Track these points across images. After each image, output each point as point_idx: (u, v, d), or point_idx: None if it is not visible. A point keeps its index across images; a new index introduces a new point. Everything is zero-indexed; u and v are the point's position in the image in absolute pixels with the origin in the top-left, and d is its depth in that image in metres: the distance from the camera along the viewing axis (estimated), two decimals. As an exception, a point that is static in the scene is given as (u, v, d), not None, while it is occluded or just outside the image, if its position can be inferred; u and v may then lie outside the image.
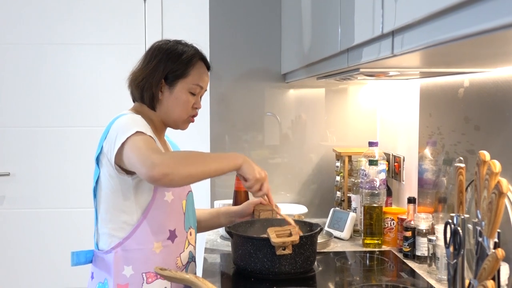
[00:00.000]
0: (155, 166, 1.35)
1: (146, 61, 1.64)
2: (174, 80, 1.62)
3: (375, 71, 1.58)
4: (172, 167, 1.37)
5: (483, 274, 1.11)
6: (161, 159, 1.37)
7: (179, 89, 1.62)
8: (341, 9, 1.43)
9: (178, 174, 1.38)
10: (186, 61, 1.63)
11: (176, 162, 1.39)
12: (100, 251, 1.57)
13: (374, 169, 2.05)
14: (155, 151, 1.41)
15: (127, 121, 1.50)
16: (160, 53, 1.63)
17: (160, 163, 1.36)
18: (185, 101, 1.63)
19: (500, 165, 1.12)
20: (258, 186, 1.57)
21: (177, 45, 1.66)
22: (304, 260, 1.66)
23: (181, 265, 1.61)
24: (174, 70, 1.61)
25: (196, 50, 1.68)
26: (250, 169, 1.54)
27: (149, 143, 1.44)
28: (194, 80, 1.63)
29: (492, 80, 1.49)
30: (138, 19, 2.66)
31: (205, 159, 1.50)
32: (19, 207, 2.68)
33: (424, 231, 1.80)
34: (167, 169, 1.36)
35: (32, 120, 2.66)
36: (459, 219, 1.27)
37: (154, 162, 1.36)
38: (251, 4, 2.62)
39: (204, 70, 1.68)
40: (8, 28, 2.63)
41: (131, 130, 1.45)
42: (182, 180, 1.42)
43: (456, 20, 0.75)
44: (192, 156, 1.48)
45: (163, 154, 1.42)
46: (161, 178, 1.36)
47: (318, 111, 2.65)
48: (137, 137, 1.44)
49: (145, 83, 1.61)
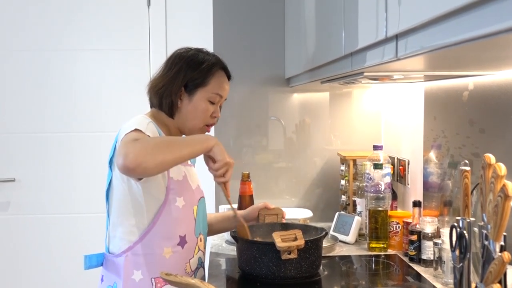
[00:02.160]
0: (128, 156, 1.33)
1: (167, 68, 1.64)
2: (193, 89, 1.61)
3: (379, 74, 1.58)
4: (145, 155, 1.34)
5: (489, 277, 1.11)
6: (135, 148, 1.35)
7: (198, 98, 1.62)
8: (344, 13, 1.43)
9: (152, 162, 1.35)
10: (207, 70, 1.62)
11: (148, 150, 1.36)
12: (110, 255, 1.57)
13: (379, 172, 2.05)
14: (133, 139, 1.39)
15: (133, 122, 1.50)
16: (181, 61, 1.63)
17: (133, 153, 1.34)
18: (204, 109, 1.62)
19: (505, 168, 1.11)
20: (224, 170, 1.52)
21: (198, 54, 1.66)
22: (310, 265, 1.65)
23: (190, 271, 1.61)
24: (194, 79, 1.61)
25: (217, 59, 1.68)
26: (221, 151, 1.50)
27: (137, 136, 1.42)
28: (214, 89, 1.63)
29: (496, 83, 1.49)
30: (142, 24, 2.67)
31: (178, 143, 1.46)
32: (24, 213, 2.68)
33: (429, 234, 1.80)
34: (140, 158, 1.33)
35: (38, 126, 2.67)
36: (465, 223, 1.26)
37: (128, 151, 1.34)
38: (255, 9, 2.62)
39: (224, 79, 1.68)
40: (13, 34, 2.65)
41: (131, 128, 1.45)
42: (156, 167, 1.39)
43: (460, 23, 0.75)
44: (164, 142, 1.45)
45: (138, 142, 1.38)
46: (135, 167, 1.34)
47: (322, 115, 2.65)
48: (130, 133, 1.44)
49: (165, 90, 1.61)
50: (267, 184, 2.63)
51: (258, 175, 2.57)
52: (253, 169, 2.51)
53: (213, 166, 1.51)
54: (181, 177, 1.58)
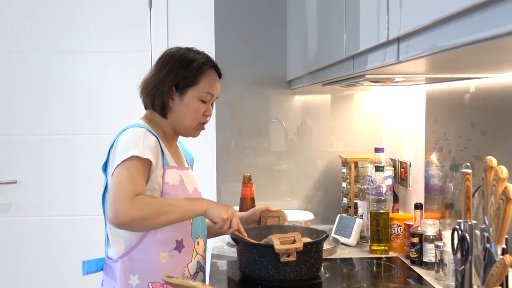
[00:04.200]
0: (118, 216, 1.40)
1: (157, 69, 1.64)
2: (184, 88, 1.61)
3: (381, 77, 1.58)
4: (133, 219, 1.41)
5: (491, 280, 1.10)
6: (125, 209, 1.40)
7: (189, 97, 1.62)
8: (346, 15, 1.43)
9: (140, 226, 1.45)
10: (197, 69, 1.62)
11: (139, 214, 1.42)
12: (109, 259, 1.57)
13: (380, 175, 2.05)
14: (126, 197, 1.41)
15: (130, 138, 1.50)
16: (171, 61, 1.63)
17: (123, 214, 1.40)
18: (195, 109, 1.62)
19: (507, 171, 1.11)
20: (228, 225, 1.58)
21: (188, 53, 1.66)
22: (309, 267, 1.65)
23: (189, 275, 1.61)
24: (185, 78, 1.61)
25: (207, 58, 1.68)
26: (216, 212, 1.55)
27: (132, 181, 1.44)
28: (205, 88, 1.63)
29: (498, 85, 1.48)
30: (144, 26, 2.67)
31: (170, 208, 1.49)
32: (26, 215, 2.68)
33: (431, 237, 1.80)
34: (128, 220, 1.41)
35: (39, 128, 2.68)
36: (467, 225, 1.26)
37: (119, 211, 1.40)
38: (257, 11, 2.63)
39: (215, 78, 1.68)
40: (14, 36, 2.65)
41: (128, 153, 1.46)
42: (142, 229, 1.50)
43: (461, 26, 0.75)
44: (158, 206, 1.47)
45: (130, 203, 1.42)
46: (121, 226, 1.44)
47: (323, 117, 2.65)
48: (128, 164, 1.45)
49: (156, 91, 1.61)
50: (269, 186, 2.63)
51: (260, 177, 2.57)
52: (255, 171, 2.51)
53: (215, 226, 1.58)
54: (177, 182, 1.58)
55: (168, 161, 1.57)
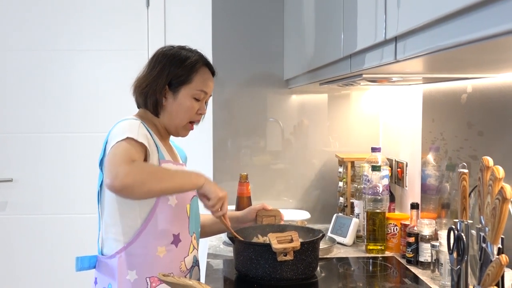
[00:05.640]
0: (118, 177, 1.35)
1: (150, 67, 1.64)
2: (177, 86, 1.61)
3: (378, 76, 1.58)
4: (134, 181, 1.37)
5: (487, 280, 1.11)
6: (126, 171, 1.36)
7: (182, 95, 1.62)
8: (344, 15, 1.43)
9: (138, 189, 1.39)
10: (190, 67, 1.62)
11: (137, 178, 1.38)
12: (103, 256, 1.57)
13: (377, 174, 2.05)
14: (125, 161, 1.39)
15: (124, 126, 1.49)
16: (164, 59, 1.63)
17: (124, 175, 1.36)
18: (189, 107, 1.62)
19: (503, 171, 1.12)
20: (219, 205, 1.56)
21: (180, 51, 1.66)
22: (306, 266, 1.65)
23: (185, 270, 1.61)
24: (178, 76, 1.61)
25: (200, 56, 1.68)
26: (212, 188, 1.54)
27: (129, 152, 1.42)
28: (198, 86, 1.63)
29: (495, 85, 1.49)
30: (141, 25, 2.66)
31: (169, 177, 1.48)
32: (21, 213, 2.68)
33: (427, 237, 1.80)
34: (129, 182, 1.36)
35: (35, 126, 2.67)
36: (463, 225, 1.26)
37: (119, 172, 1.36)
38: (254, 10, 2.62)
39: (208, 76, 1.68)
40: (10, 34, 2.64)
41: (123, 135, 1.44)
42: (141, 195, 1.43)
43: (459, 26, 0.75)
44: (155, 173, 1.46)
45: (130, 166, 1.39)
46: (121, 189, 1.37)
47: (320, 116, 2.65)
48: (123, 143, 1.43)
49: (149, 89, 1.61)
50: (265, 185, 2.63)
51: (256, 176, 2.57)
52: (251, 170, 2.51)
53: (208, 203, 1.55)
54: None
55: (164, 155, 1.57)
